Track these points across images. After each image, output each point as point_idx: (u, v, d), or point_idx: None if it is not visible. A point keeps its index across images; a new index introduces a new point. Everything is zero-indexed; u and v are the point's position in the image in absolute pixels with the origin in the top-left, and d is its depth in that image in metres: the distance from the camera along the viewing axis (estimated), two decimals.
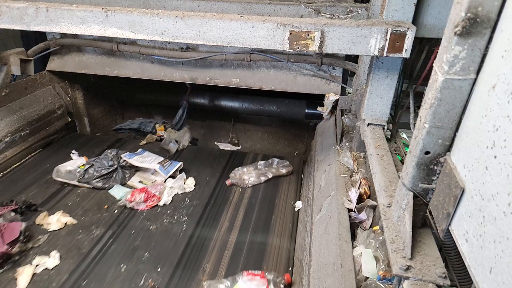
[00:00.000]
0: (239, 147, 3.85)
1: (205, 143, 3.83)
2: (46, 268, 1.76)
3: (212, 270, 1.78)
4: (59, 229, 2.00)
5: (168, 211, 2.19)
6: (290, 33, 1.54)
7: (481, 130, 0.74)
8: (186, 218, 2.14)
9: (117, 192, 2.31)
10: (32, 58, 2.73)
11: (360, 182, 1.64)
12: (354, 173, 1.80)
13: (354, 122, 2.06)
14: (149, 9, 1.72)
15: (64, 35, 2.93)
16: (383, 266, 1.22)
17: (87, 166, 2.38)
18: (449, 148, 0.90)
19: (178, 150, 2.93)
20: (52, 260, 1.79)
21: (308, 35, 1.53)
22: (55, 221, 2.03)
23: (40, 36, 2.94)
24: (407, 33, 1.46)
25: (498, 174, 0.66)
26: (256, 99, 3.46)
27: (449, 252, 1.23)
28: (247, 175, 2.48)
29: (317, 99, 2.64)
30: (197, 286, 1.69)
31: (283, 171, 2.54)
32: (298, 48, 1.57)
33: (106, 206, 2.21)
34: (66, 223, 2.04)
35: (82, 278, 1.72)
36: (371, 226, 1.43)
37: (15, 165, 2.58)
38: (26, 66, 2.68)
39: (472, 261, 0.75)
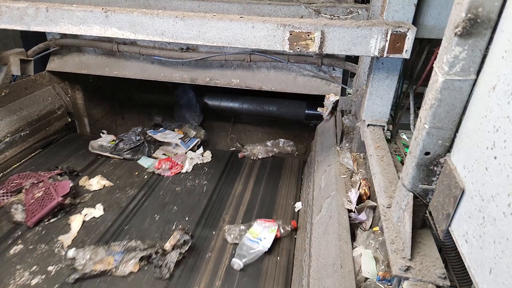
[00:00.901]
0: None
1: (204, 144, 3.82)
2: (94, 217, 2.14)
3: (230, 220, 2.17)
4: (99, 189, 2.41)
5: (190, 177, 2.60)
6: (290, 34, 1.54)
7: (481, 130, 0.74)
8: (206, 182, 2.55)
9: (145, 162, 2.73)
10: (32, 59, 2.74)
11: (360, 183, 1.64)
12: (354, 174, 1.80)
13: (354, 122, 2.06)
14: (149, 10, 1.71)
15: (64, 35, 2.93)
16: (383, 266, 1.22)
17: (117, 141, 2.79)
18: (449, 149, 0.90)
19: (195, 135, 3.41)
20: (97, 211, 2.18)
21: (308, 35, 1.53)
22: (95, 183, 2.43)
23: (40, 36, 2.94)
24: (407, 33, 1.45)
25: (498, 175, 0.66)
26: (256, 99, 3.45)
27: (449, 252, 1.23)
28: (257, 151, 2.91)
29: (317, 100, 2.64)
30: (219, 229, 2.08)
31: (288, 149, 3.01)
32: (298, 48, 1.57)
33: (136, 173, 2.61)
34: (104, 185, 2.44)
35: (124, 223, 2.11)
36: (371, 227, 1.43)
37: (15, 165, 2.58)
38: (26, 66, 2.68)
39: (472, 262, 0.75)
